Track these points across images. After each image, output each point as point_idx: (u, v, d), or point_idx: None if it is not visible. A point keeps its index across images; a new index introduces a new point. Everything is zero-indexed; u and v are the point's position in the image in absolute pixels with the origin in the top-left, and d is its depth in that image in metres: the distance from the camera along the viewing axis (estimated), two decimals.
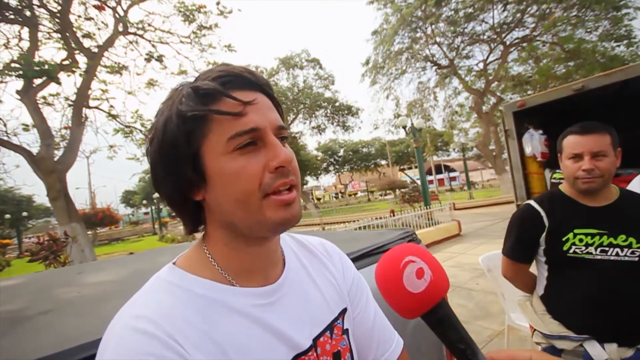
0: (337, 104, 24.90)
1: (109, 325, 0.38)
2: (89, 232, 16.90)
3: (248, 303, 0.44)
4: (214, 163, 0.40)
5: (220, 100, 0.40)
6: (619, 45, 12.59)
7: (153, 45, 9.31)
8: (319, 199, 51.64)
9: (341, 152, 35.99)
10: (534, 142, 4.39)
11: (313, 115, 25.05)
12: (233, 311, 0.42)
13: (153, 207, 32.61)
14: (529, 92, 13.77)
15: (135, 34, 9.02)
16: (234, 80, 0.41)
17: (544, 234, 1.22)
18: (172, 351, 0.35)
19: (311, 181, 35.16)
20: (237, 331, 0.41)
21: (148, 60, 9.16)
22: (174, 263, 0.46)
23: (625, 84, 3.62)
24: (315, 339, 0.48)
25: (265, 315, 0.44)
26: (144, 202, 35.87)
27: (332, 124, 25.73)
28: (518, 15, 14.15)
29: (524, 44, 14.82)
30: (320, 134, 25.96)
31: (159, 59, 9.21)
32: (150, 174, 0.45)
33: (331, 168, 36.64)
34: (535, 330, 1.29)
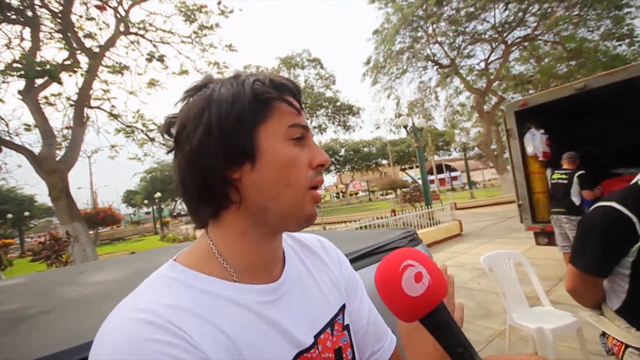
0: (338, 103, 24.92)
1: (105, 322, 0.36)
2: (91, 232, 16.94)
3: (253, 299, 0.44)
4: (271, 144, 0.43)
5: (287, 95, 0.46)
6: (620, 45, 12.57)
7: (154, 45, 9.32)
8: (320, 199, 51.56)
9: (342, 152, 35.98)
10: (535, 142, 4.39)
11: (314, 115, 25.07)
12: (238, 306, 0.42)
13: (154, 207, 32.67)
14: (531, 92, 13.73)
15: (136, 34, 9.03)
16: (294, 89, 0.47)
17: (638, 244, 1.00)
18: (177, 337, 0.34)
19: None
20: (244, 325, 0.41)
21: (149, 60, 9.16)
22: (174, 259, 0.45)
23: (627, 83, 3.61)
24: (317, 336, 0.48)
25: (271, 312, 0.44)
26: (146, 201, 35.94)
27: (333, 123, 25.76)
28: (520, 14, 14.11)
29: (526, 43, 14.78)
30: (322, 133, 26.02)
31: (160, 58, 9.20)
32: (196, 142, 0.42)
33: (332, 168, 36.61)
34: (625, 347, 1.12)
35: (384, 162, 37.59)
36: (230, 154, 0.42)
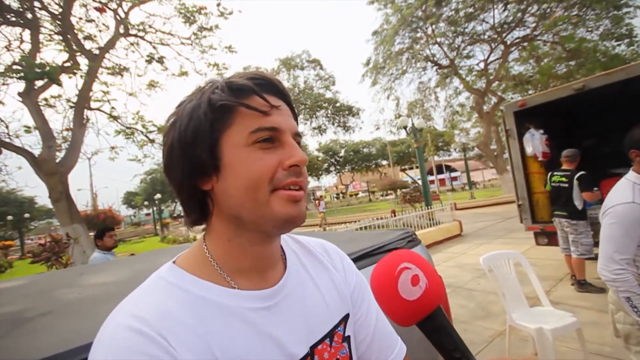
0: (337, 104, 24.93)
1: (104, 322, 0.38)
2: (91, 234, 16.89)
3: (246, 306, 0.43)
4: (231, 153, 0.42)
5: (250, 97, 0.43)
6: (619, 45, 12.57)
7: (154, 47, 9.32)
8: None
9: (342, 153, 35.99)
10: (534, 142, 4.39)
11: (314, 116, 25.08)
12: (230, 314, 0.42)
13: (154, 208, 32.66)
14: (530, 92, 13.74)
15: (136, 35, 9.03)
16: (265, 84, 0.45)
17: None
18: (163, 351, 0.35)
19: (312, 182, 35.20)
20: (232, 335, 0.41)
21: (149, 61, 9.16)
22: (174, 262, 0.46)
23: (626, 83, 3.61)
24: (313, 347, 0.47)
25: (263, 320, 0.43)
26: (146, 203, 35.96)
27: (333, 124, 25.77)
28: (519, 14, 14.12)
29: (525, 44, 14.78)
30: (321, 134, 26.03)
31: (160, 60, 9.21)
32: (164, 158, 0.46)
33: (332, 168, 36.62)
34: None
35: (384, 162, 37.60)
36: (192, 168, 0.43)
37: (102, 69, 8.63)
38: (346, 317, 0.53)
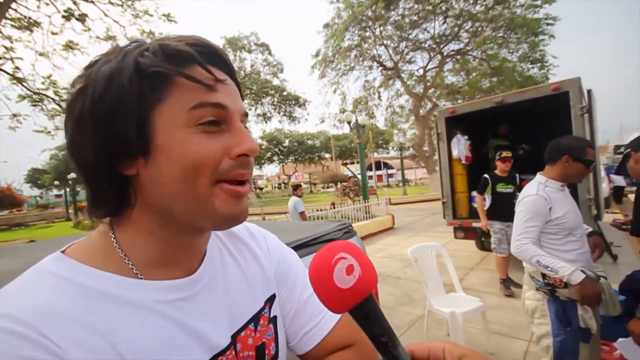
0: (284, 93, 24.59)
1: None
2: None
3: (157, 298, 0.38)
4: (167, 133, 0.35)
5: (190, 66, 0.36)
6: (533, 67, 14.61)
7: (74, 2, 8.05)
8: (260, 189, 50.76)
9: (286, 143, 35.77)
10: (460, 147, 4.87)
11: (259, 102, 24.37)
12: (136, 307, 0.36)
13: (67, 189, 28.67)
14: (459, 101, 15.21)
15: None
16: (209, 53, 0.38)
17: None
18: (45, 351, 0.30)
19: (254, 170, 34.43)
20: (140, 330, 0.36)
21: (67, 18, 7.89)
22: (62, 252, 0.38)
23: (536, 101, 4.19)
24: (235, 335, 0.45)
25: (178, 312, 0.39)
26: (56, 182, 31.31)
27: (279, 113, 25.37)
28: (455, 29, 15.47)
29: (458, 57, 16.30)
30: (266, 122, 25.43)
31: (81, 18, 7.98)
32: (69, 133, 0.36)
33: (275, 158, 36.22)
34: None
35: (327, 155, 38.39)
36: (111, 147, 0.35)
37: (5, 21, 7.19)
38: (272, 298, 0.52)
